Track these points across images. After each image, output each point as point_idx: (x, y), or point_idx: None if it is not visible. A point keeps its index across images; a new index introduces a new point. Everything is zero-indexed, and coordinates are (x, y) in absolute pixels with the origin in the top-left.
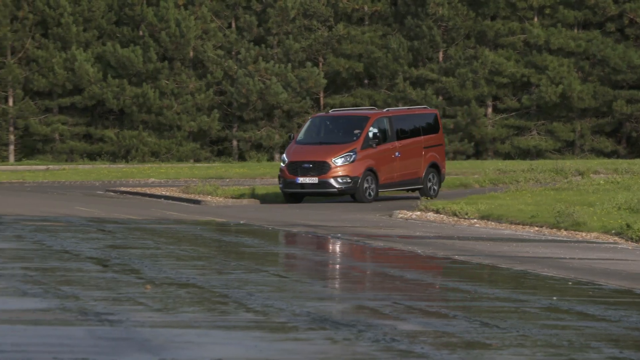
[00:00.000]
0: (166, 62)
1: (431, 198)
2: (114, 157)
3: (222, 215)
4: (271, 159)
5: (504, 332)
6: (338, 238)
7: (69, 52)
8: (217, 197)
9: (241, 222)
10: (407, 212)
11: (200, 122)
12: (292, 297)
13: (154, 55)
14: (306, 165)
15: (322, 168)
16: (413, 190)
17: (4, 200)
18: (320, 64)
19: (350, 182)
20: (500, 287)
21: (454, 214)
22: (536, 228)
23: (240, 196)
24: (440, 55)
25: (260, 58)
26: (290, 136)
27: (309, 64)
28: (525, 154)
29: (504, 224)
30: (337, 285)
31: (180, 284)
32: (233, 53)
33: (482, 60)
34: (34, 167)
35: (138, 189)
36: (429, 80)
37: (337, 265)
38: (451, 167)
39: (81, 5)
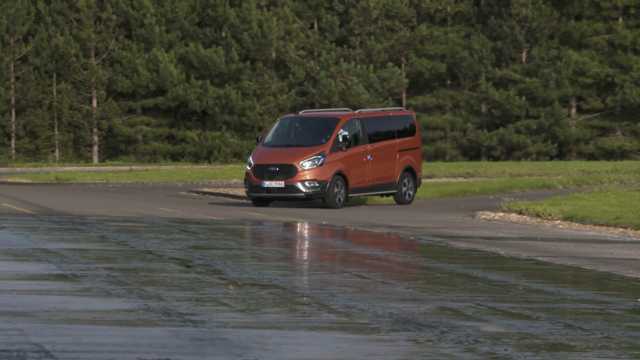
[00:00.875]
0: (248, 63)
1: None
2: (196, 158)
3: (304, 216)
4: None
5: (588, 334)
6: (420, 239)
7: (152, 53)
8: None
9: (323, 222)
10: (490, 213)
11: None
12: (375, 298)
13: (236, 56)
14: (272, 168)
15: (288, 172)
16: (387, 195)
17: (88, 201)
18: (403, 65)
19: (318, 187)
20: (584, 288)
21: (537, 215)
22: (620, 229)
23: None
24: (524, 55)
25: (342, 59)
26: (258, 138)
27: (390, 64)
28: (610, 154)
29: (587, 225)
30: (419, 287)
31: (263, 285)
32: (315, 54)
33: (565, 61)
34: (117, 167)
35: (220, 190)
36: (511, 80)
37: (420, 267)
38: (534, 168)
39: (164, 6)
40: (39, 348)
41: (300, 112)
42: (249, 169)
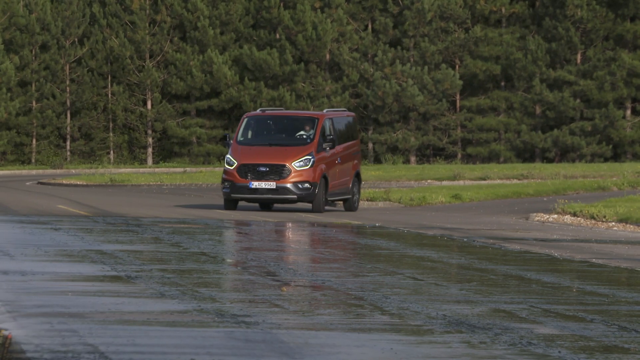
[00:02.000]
0: (302, 65)
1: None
2: None
3: (358, 217)
4: (407, 161)
5: None
6: (474, 241)
7: (206, 55)
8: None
9: (377, 224)
10: (544, 215)
11: None
12: (428, 300)
13: (290, 58)
14: (262, 168)
15: (281, 172)
16: (344, 200)
17: (143, 202)
18: (457, 66)
19: (310, 189)
20: (639, 290)
21: (592, 217)
22: None
23: (376, 199)
24: (579, 57)
25: (397, 60)
26: (226, 136)
27: (444, 66)
28: None
29: None
30: (473, 288)
31: (316, 287)
32: (369, 55)
33: (620, 63)
34: (172, 169)
35: None
36: (566, 82)
37: (473, 268)
38: (589, 170)
39: (218, 8)
40: (93, 349)
41: (267, 110)
42: (231, 168)
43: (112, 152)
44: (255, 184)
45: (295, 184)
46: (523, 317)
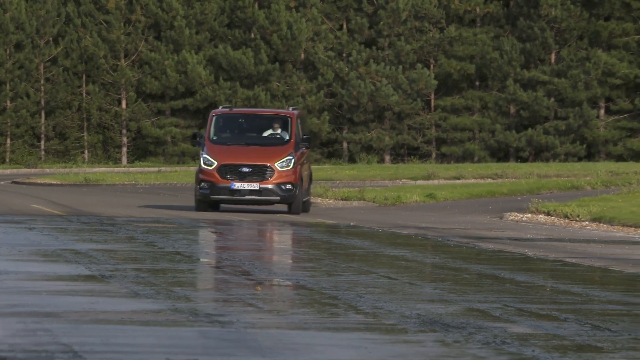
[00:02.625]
0: (277, 64)
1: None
2: None
3: (332, 217)
4: (381, 160)
5: (616, 335)
6: (448, 240)
7: (181, 54)
8: (327, 199)
9: (351, 224)
10: (518, 215)
11: (310, 124)
12: (402, 299)
13: (265, 58)
14: (245, 169)
15: (264, 173)
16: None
17: (117, 201)
18: (432, 66)
19: (292, 190)
20: (612, 290)
21: (565, 216)
22: None
23: (350, 198)
24: (553, 56)
25: (371, 60)
26: (195, 135)
27: (419, 65)
28: (638, 155)
29: (616, 227)
30: (447, 288)
31: (291, 286)
32: (344, 55)
33: (594, 62)
34: (146, 169)
35: None
36: (540, 82)
37: (447, 268)
38: (563, 169)
39: (193, 8)
40: (68, 348)
41: (233, 109)
42: (210, 168)
43: (86, 151)
44: (237, 185)
45: (278, 185)
46: (497, 316)
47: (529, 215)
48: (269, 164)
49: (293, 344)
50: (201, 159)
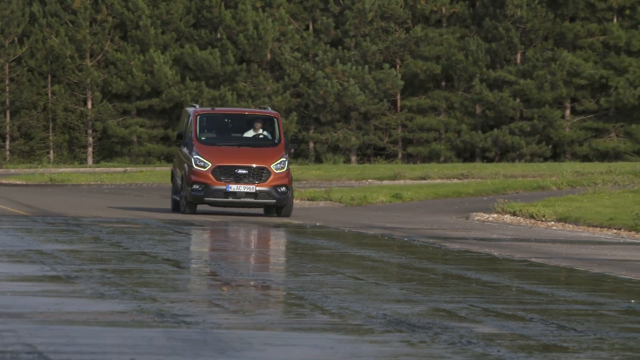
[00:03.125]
0: (244, 65)
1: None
2: None
3: (299, 217)
4: (347, 161)
5: (581, 335)
6: (414, 240)
7: (147, 54)
8: (293, 200)
9: (317, 224)
10: (484, 215)
11: None
12: (368, 300)
13: (232, 58)
14: (241, 170)
15: (260, 175)
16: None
17: (82, 202)
18: (398, 66)
19: (286, 193)
20: (578, 290)
21: (531, 217)
22: (614, 230)
23: (317, 198)
24: (518, 57)
25: (338, 60)
26: (180, 134)
27: (386, 65)
28: (604, 156)
29: (581, 227)
30: (413, 288)
31: (257, 286)
32: (310, 55)
33: (560, 62)
34: (112, 169)
35: None
36: (506, 82)
37: (413, 268)
38: (528, 170)
39: (159, 8)
40: (32, 349)
41: (216, 108)
42: (204, 169)
43: (52, 151)
44: (233, 187)
45: (274, 187)
46: (463, 316)
47: (495, 215)
48: (265, 165)
49: (259, 344)
50: (192, 159)
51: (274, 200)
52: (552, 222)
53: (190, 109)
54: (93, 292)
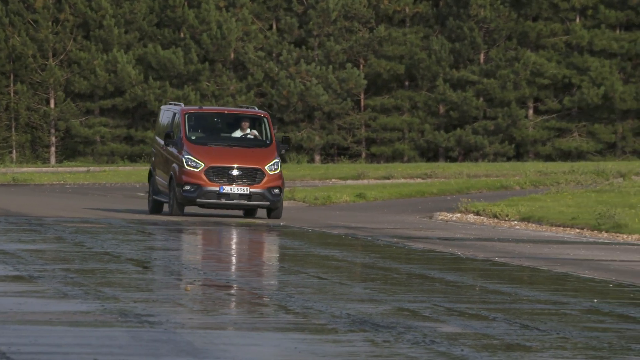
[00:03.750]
0: (207, 64)
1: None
2: None
3: (263, 216)
4: (311, 160)
5: (544, 334)
6: (378, 240)
7: (111, 54)
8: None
9: (281, 223)
10: (448, 214)
11: None
12: (332, 299)
13: (195, 57)
14: (235, 171)
15: (254, 176)
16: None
17: (45, 201)
18: (361, 66)
19: (279, 195)
20: (541, 289)
21: (495, 216)
22: (577, 230)
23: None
24: (482, 56)
25: (302, 60)
26: (168, 134)
27: (349, 65)
28: (567, 155)
29: (544, 226)
30: (377, 288)
31: (220, 286)
32: (274, 55)
33: (523, 62)
34: (75, 169)
35: None
36: (469, 82)
37: (377, 267)
38: (492, 169)
39: (123, 7)
40: None
41: (203, 107)
42: (197, 170)
43: (14, 151)
44: (226, 189)
45: (269, 189)
46: (426, 315)
47: (459, 214)
48: (259, 167)
49: (223, 344)
50: (184, 159)
51: (268, 202)
52: (515, 222)
53: (174, 107)
54: (56, 292)
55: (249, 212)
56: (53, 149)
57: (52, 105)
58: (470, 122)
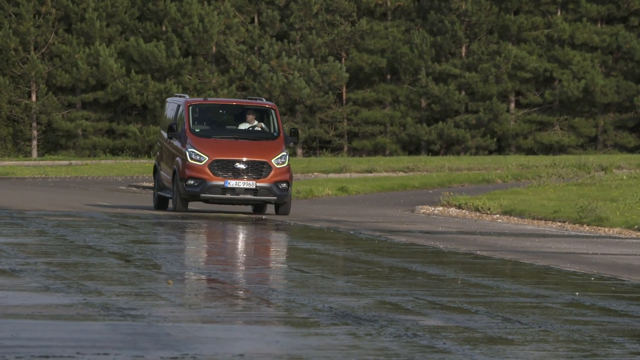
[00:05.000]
0: (189, 58)
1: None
2: (136, 153)
3: (244, 209)
4: (293, 154)
5: (526, 327)
6: (360, 233)
7: (93, 47)
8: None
9: (263, 217)
10: (429, 208)
11: None
12: (314, 293)
13: (177, 51)
14: (240, 165)
15: (261, 170)
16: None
17: (27, 195)
18: (343, 59)
19: (287, 189)
20: (523, 282)
21: (477, 209)
22: (559, 223)
23: None
24: (463, 50)
25: (283, 53)
26: (171, 126)
27: (331, 58)
28: (548, 149)
29: (526, 220)
30: (359, 281)
31: (203, 279)
32: (256, 48)
33: (505, 55)
34: (57, 162)
35: None
36: (451, 75)
37: (359, 261)
38: (474, 163)
39: (104, 0)
40: None
41: (208, 99)
42: (200, 164)
43: None
44: (231, 183)
45: (275, 183)
46: (408, 309)
47: (441, 208)
48: (266, 160)
49: (205, 338)
50: (187, 152)
51: (275, 197)
52: (497, 215)
53: (179, 99)
54: (38, 286)
55: (258, 207)
56: (35, 142)
57: (33, 98)
58: (452, 116)
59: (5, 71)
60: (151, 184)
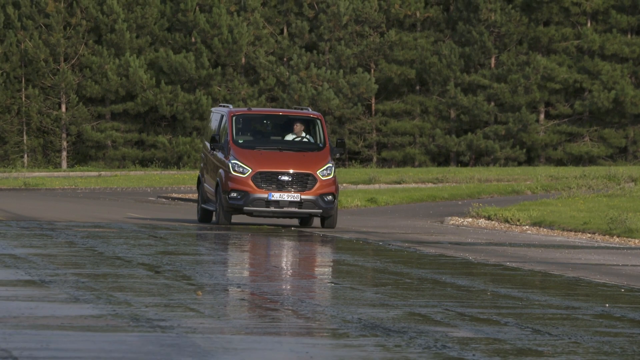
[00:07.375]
0: (219, 69)
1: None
2: (165, 164)
3: (273, 220)
4: None
5: (556, 339)
6: (389, 244)
7: (122, 58)
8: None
9: (292, 228)
10: (459, 219)
11: None
12: (343, 304)
13: (207, 62)
14: (284, 177)
15: (305, 182)
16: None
17: (57, 206)
18: (372, 70)
19: (332, 202)
20: (552, 294)
21: (506, 221)
22: (589, 235)
23: None
24: (492, 61)
25: (312, 64)
26: (214, 137)
27: (360, 69)
28: (578, 160)
29: (556, 231)
30: (388, 292)
31: (232, 290)
32: (285, 59)
33: (534, 66)
34: (86, 173)
35: (190, 196)
36: (480, 86)
37: (388, 272)
38: (503, 174)
39: (134, 12)
40: (7, 354)
41: (252, 109)
42: (244, 176)
43: (26, 155)
44: (275, 196)
45: (321, 196)
46: (438, 320)
47: (470, 219)
48: (311, 172)
49: (234, 349)
50: (230, 164)
51: (320, 210)
52: (527, 227)
53: (222, 109)
54: (67, 297)
55: (304, 221)
56: (64, 153)
57: (63, 109)
58: (481, 127)
59: (35, 82)
60: (180, 195)
